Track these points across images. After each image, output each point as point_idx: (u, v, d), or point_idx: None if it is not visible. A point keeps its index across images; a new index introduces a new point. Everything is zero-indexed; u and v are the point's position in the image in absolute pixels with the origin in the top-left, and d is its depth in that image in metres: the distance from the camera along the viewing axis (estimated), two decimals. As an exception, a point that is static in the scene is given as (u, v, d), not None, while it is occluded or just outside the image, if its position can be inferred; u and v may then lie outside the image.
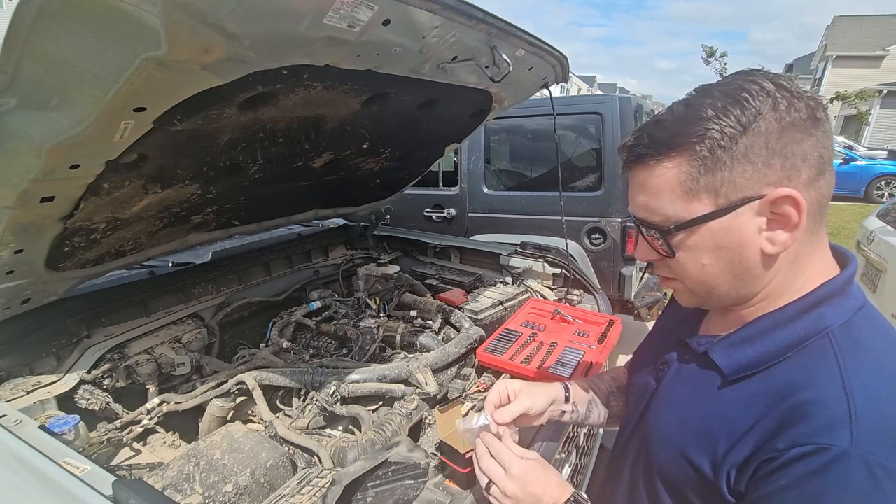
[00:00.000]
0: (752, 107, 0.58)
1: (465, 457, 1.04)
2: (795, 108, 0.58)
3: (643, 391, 0.83)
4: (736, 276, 0.64)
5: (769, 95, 0.58)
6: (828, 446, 0.52)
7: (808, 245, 0.63)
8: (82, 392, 1.37)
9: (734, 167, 0.59)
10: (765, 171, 0.58)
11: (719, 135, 0.58)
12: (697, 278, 0.67)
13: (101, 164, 1.02)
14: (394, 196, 2.62)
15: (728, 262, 0.63)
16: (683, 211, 0.63)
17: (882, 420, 0.53)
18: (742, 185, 0.59)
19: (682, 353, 0.76)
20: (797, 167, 0.58)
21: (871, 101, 17.34)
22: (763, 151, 0.58)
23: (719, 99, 0.59)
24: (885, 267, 2.98)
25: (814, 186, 0.59)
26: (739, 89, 0.59)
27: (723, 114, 0.58)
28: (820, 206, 0.61)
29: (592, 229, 3.29)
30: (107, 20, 0.69)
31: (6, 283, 1.22)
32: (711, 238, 0.62)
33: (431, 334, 1.87)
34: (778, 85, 0.59)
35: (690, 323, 0.81)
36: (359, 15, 0.92)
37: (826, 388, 0.56)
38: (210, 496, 1.03)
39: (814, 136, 0.58)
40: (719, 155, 0.59)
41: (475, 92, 1.69)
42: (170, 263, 1.91)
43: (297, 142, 1.53)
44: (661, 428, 0.74)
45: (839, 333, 0.60)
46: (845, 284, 0.63)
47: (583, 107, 3.46)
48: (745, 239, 0.61)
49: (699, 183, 0.61)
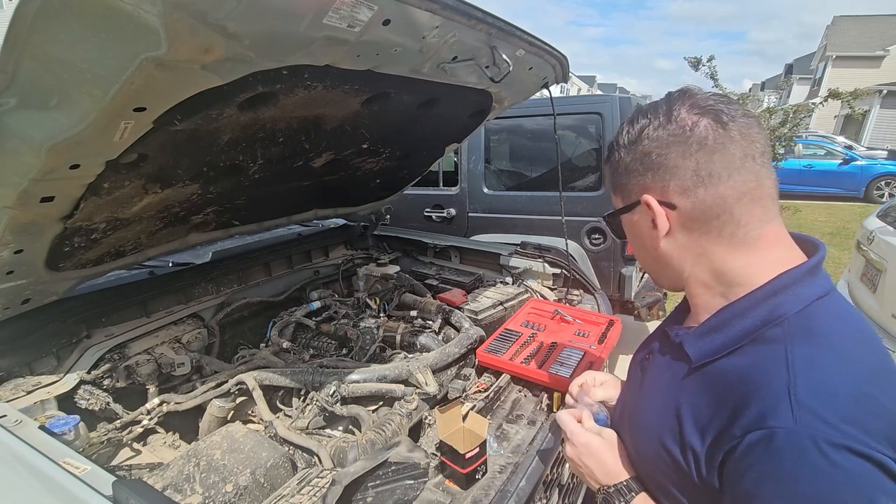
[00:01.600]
0: (635, 128, 0.71)
1: (465, 457, 1.04)
2: (666, 129, 0.68)
3: (633, 380, 0.88)
4: (654, 262, 0.77)
5: (648, 118, 0.70)
6: (775, 428, 0.55)
7: (718, 245, 0.69)
8: (82, 392, 1.37)
9: (624, 175, 0.74)
10: (641, 180, 0.71)
11: (616, 150, 0.74)
12: (640, 260, 0.82)
13: (101, 163, 1.02)
14: (394, 196, 2.62)
15: (641, 248, 0.78)
16: (615, 204, 0.79)
17: (824, 397, 0.55)
18: (631, 190, 0.74)
19: (663, 344, 0.81)
20: (665, 179, 0.69)
21: (869, 101, 17.33)
22: (638, 165, 0.71)
23: (632, 115, 0.74)
24: (885, 267, 2.98)
25: (689, 196, 0.68)
26: (639, 111, 0.72)
27: (623, 129, 0.74)
28: (707, 214, 0.68)
29: (592, 229, 3.29)
30: (107, 20, 0.69)
31: (6, 283, 1.22)
32: (629, 229, 0.79)
33: (431, 334, 1.87)
34: (667, 108, 0.69)
35: (678, 315, 0.85)
36: (359, 15, 0.92)
37: (770, 372, 0.59)
38: (210, 496, 1.03)
39: (684, 153, 0.67)
40: (616, 165, 0.75)
41: (475, 92, 1.69)
42: (170, 263, 1.91)
43: (297, 142, 1.53)
44: (642, 418, 0.78)
45: (793, 320, 0.62)
46: (805, 274, 0.66)
47: (583, 107, 3.46)
48: (643, 233, 0.75)
49: (614, 182, 0.78)
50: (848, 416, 0.54)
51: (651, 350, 0.84)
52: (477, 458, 1.06)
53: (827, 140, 12.24)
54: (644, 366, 0.85)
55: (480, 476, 1.09)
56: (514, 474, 1.10)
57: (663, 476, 0.71)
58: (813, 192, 10.74)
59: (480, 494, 1.04)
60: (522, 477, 1.09)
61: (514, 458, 1.16)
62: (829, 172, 10.87)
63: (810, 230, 7.74)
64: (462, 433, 1.10)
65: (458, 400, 1.36)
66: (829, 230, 7.93)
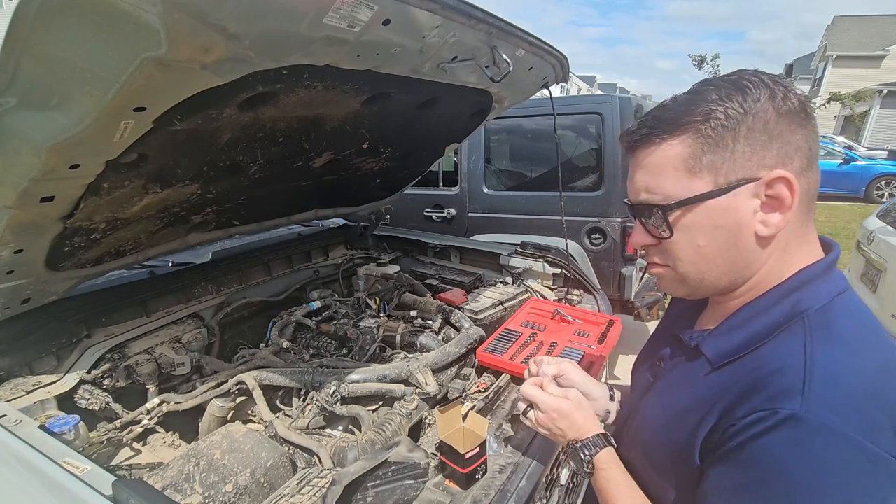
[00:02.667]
0: (753, 94, 0.62)
1: (465, 457, 1.04)
2: (790, 101, 0.62)
3: (642, 387, 0.87)
4: (728, 261, 0.67)
5: (767, 87, 0.62)
6: (779, 409, 0.56)
7: (798, 236, 0.66)
8: (82, 392, 1.37)
9: (735, 148, 0.62)
10: (763, 153, 0.62)
11: (723, 116, 0.62)
12: (691, 260, 0.69)
13: (101, 163, 1.02)
14: (394, 196, 2.62)
15: (723, 244, 0.66)
16: (684, 189, 0.65)
17: (835, 389, 0.56)
18: (741, 166, 0.63)
19: (676, 349, 0.80)
20: (790, 154, 0.62)
21: (869, 102, 17.32)
22: (762, 136, 0.61)
23: (723, 87, 0.64)
24: (885, 267, 2.98)
25: (804, 176, 0.63)
26: (741, 79, 0.64)
27: (727, 98, 0.62)
28: (809, 196, 0.64)
29: (592, 229, 3.29)
30: (107, 20, 0.69)
31: (6, 282, 1.22)
32: (708, 217, 0.65)
33: (431, 334, 1.87)
34: (774, 80, 0.63)
35: (686, 320, 0.84)
36: (359, 15, 0.92)
37: (789, 361, 0.59)
38: (210, 496, 1.03)
39: (805, 128, 0.63)
40: (722, 135, 0.62)
41: (475, 92, 1.69)
42: (170, 263, 1.91)
43: (297, 142, 1.53)
44: (648, 415, 0.78)
45: (814, 316, 0.62)
46: (824, 270, 0.66)
47: (583, 107, 3.46)
48: (740, 219, 0.64)
49: (701, 161, 0.64)
50: (856, 409, 0.54)
51: (662, 356, 0.83)
52: (477, 458, 1.06)
53: (827, 140, 12.24)
54: (655, 371, 0.83)
55: (480, 476, 1.09)
56: (514, 474, 1.10)
57: (669, 468, 0.71)
58: (813, 192, 10.74)
59: (480, 494, 1.04)
60: (522, 477, 1.09)
61: (514, 458, 1.16)
62: (829, 172, 10.87)
63: (810, 230, 7.71)
64: (462, 433, 1.10)
65: (458, 400, 1.36)
66: (829, 230, 7.93)
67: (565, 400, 0.90)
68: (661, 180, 0.67)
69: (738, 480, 0.58)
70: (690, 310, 0.84)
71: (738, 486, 0.58)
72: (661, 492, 0.73)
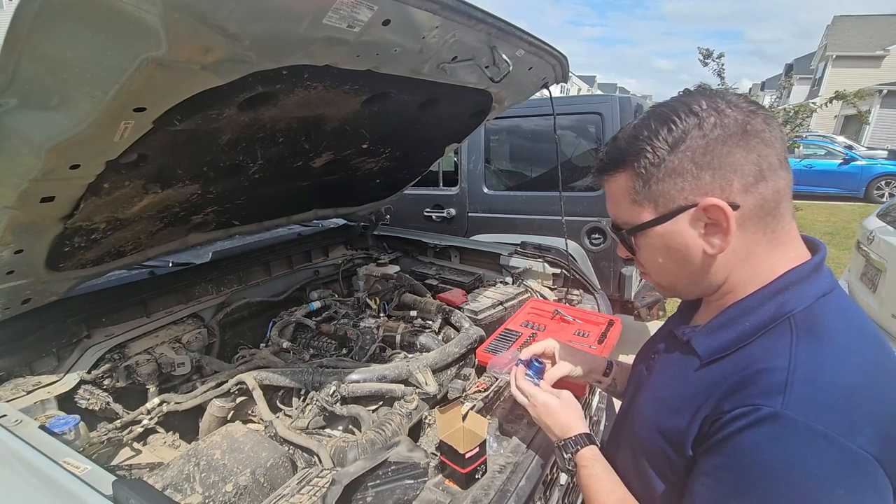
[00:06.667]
0: (679, 126, 0.66)
1: (465, 457, 1.04)
2: (724, 124, 0.64)
3: (637, 380, 0.89)
4: (690, 273, 0.72)
5: (696, 116, 0.65)
6: (761, 406, 0.58)
7: (762, 243, 0.68)
8: (82, 392, 1.37)
9: (666, 181, 0.68)
10: (695, 182, 0.66)
11: (651, 154, 0.68)
12: (657, 273, 0.77)
13: (101, 164, 1.02)
14: (394, 196, 2.62)
15: (678, 261, 0.72)
16: (634, 217, 0.73)
17: (815, 388, 0.58)
18: (675, 196, 0.68)
19: (670, 343, 0.82)
20: (727, 177, 0.65)
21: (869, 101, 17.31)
22: (690, 166, 0.66)
23: (653, 121, 0.68)
24: (885, 267, 2.98)
25: (752, 192, 0.65)
26: (671, 111, 0.67)
27: (654, 135, 0.67)
28: (766, 208, 0.66)
29: (592, 229, 3.29)
30: (107, 20, 0.70)
31: (6, 283, 1.22)
32: (661, 240, 0.72)
33: (431, 334, 1.87)
34: (709, 105, 0.66)
35: (684, 315, 0.86)
36: (358, 15, 0.92)
37: (774, 361, 0.61)
38: (210, 496, 1.03)
39: (744, 147, 0.64)
40: (652, 171, 0.68)
41: (475, 92, 1.69)
42: (170, 263, 1.91)
43: (297, 142, 1.53)
44: (642, 409, 0.80)
45: (800, 316, 0.64)
46: (810, 272, 0.67)
47: (582, 107, 3.47)
48: (688, 241, 0.69)
49: (640, 194, 0.71)
50: (836, 407, 0.56)
51: (657, 351, 0.86)
52: (477, 458, 1.06)
53: (827, 140, 12.24)
54: (650, 365, 0.86)
55: (480, 476, 1.09)
56: (514, 474, 1.10)
57: (662, 463, 0.72)
58: (813, 192, 10.74)
59: (480, 494, 1.04)
60: (522, 477, 1.09)
61: (514, 457, 1.16)
62: (830, 172, 10.87)
63: (810, 230, 7.74)
64: (462, 433, 1.10)
65: (458, 400, 1.36)
66: (829, 230, 7.93)
67: (554, 397, 0.98)
68: (618, 209, 0.75)
69: (720, 473, 0.61)
70: (691, 305, 0.86)
71: (720, 478, 0.61)
72: (654, 486, 0.74)
